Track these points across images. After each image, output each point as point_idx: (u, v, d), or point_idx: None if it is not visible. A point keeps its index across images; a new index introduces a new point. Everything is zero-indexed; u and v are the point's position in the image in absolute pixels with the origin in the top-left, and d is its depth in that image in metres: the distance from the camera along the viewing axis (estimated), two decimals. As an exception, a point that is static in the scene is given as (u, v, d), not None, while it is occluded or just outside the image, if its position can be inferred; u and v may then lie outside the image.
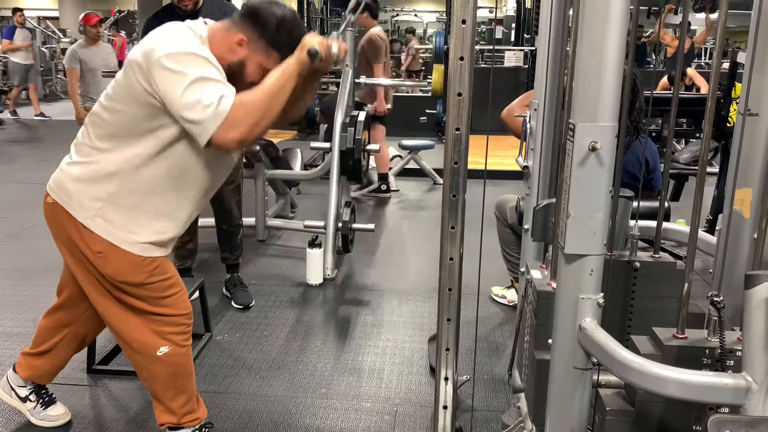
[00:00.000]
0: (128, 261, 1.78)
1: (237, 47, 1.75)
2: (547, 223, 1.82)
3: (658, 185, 2.80)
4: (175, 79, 1.61)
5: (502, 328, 3.07)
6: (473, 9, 1.69)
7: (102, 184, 1.74)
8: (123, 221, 1.76)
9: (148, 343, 1.86)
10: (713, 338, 1.49)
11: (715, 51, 1.56)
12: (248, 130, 1.63)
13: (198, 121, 1.60)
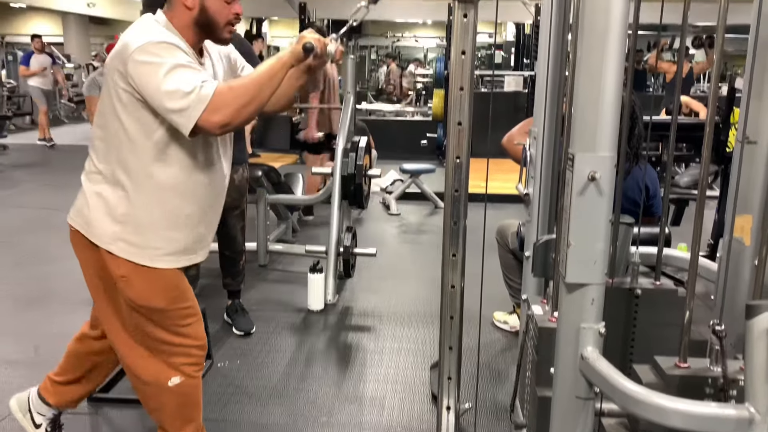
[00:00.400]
0: (151, 282, 1.77)
1: (188, 1, 1.69)
2: (548, 258, 1.82)
3: (659, 211, 2.80)
4: (151, 69, 1.58)
5: (504, 354, 3.06)
6: (472, 40, 1.71)
7: (114, 207, 1.74)
8: (143, 239, 1.74)
9: (160, 374, 1.84)
10: (715, 367, 1.48)
11: (712, 78, 1.58)
12: (234, 113, 1.60)
13: (180, 109, 1.57)
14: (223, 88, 1.60)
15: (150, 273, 1.76)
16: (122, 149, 1.71)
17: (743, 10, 1.79)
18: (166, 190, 1.74)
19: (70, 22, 16.36)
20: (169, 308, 1.80)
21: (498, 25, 17.14)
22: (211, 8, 1.70)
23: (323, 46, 1.71)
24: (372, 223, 5.71)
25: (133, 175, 1.71)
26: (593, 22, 1.39)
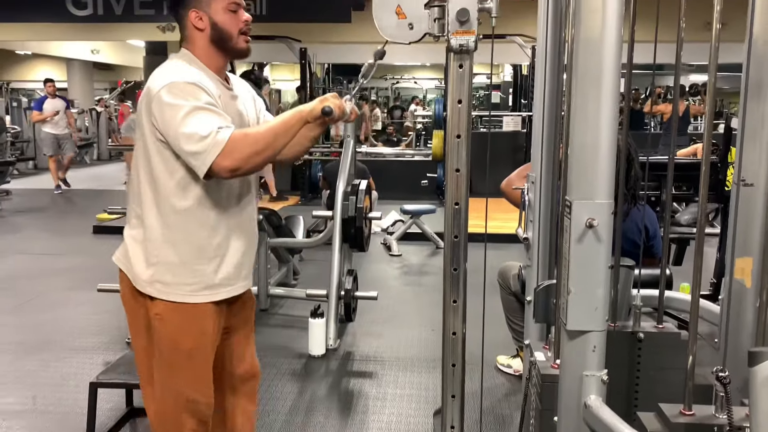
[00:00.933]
0: (185, 319, 1.77)
1: (199, 22, 1.75)
2: (549, 304, 1.82)
3: (659, 252, 2.80)
4: (172, 111, 1.62)
5: (509, 399, 3.02)
6: (468, 89, 1.74)
7: (148, 250, 1.75)
8: (176, 278, 1.75)
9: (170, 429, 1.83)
10: (721, 415, 1.46)
11: (706, 119, 1.59)
12: (246, 159, 1.63)
13: (196, 152, 1.61)
14: (238, 135, 1.64)
15: (185, 310, 1.76)
16: (150, 189, 1.74)
17: (737, 49, 1.82)
18: (191, 224, 1.75)
19: (75, 68, 16.64)
20: (195, 351, 1.79)
21: (495, 66, 17.42)
22: (220, 22, 1.76)
23: (341, 111, 1.76)
24: (373, 265, 5.70)
25: (160, 214, 1.74)
26: (587, 67, 1.41)
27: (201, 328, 1.80)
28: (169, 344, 1.77)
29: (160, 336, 1.77)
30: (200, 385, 1.82)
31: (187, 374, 1.79)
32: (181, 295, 1.75)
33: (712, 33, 1.45)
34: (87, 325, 4.03)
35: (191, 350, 1.78)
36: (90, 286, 4.06)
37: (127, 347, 3.63)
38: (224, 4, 1.75)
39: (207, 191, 1.75)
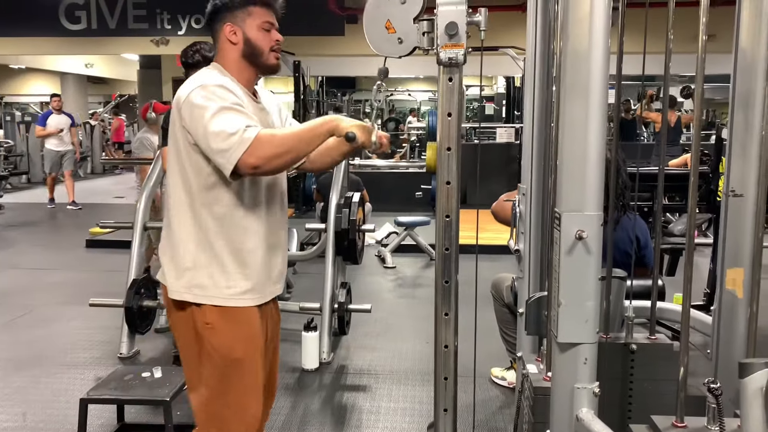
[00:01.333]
0: (234, 325, 1.77)
1: (233, 36, 1.80)
2: (540, 316, 1.81)
3: (651, 262, 2.80)
4: (201, 111, 1.66)
5: (503, 412, 3.00)
6: (458, 103, 1.74)
7: (182, 255, 1.77)
8: (213, 280, 1.76)
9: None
10: (713, 426, 1.46)
11: (693, 130, 1.60)
12: (268, 159, 1.65)
13: (223, 150, 1.62)
14: (265, 134, 1.65)
15: (232, 316, 1.77)
16: (184, 194, 1.76)
17: (726, 60, 1.83)
18: (226, 227, 1.77)
19: (69, 81, 16.64)
20: (247, 358, 1.79)
21: (489, 78, 17.50)
22: (253, 38, 1.80)
23: (368, 140, 1.76)
24: (368, 277, 5.69)
25: (195, 217, 1.76)
26: (575, 78, 1.42)
27: (250, 334, 1.81)
28: (221, 353, 1.77)
29: (212, 346, 1.77)
30: (251, 393, 1.83)
31: (238, 383, 1.79)
32: (218, 299, 1.76)
33: (699, 44, 1.46)
34: (79, 340, 4.00)
35: (243, 358, 1.79)
36: (82, 301, 4.04)
37: (119, 362, 3.61)
38: (258, 23, 1.80)
39: (241, 195, 1.77)
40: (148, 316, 3.76)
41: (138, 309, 3.62)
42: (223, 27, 1.80)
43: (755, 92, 1.76)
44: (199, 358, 1.80)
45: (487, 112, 15.99)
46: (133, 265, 3.79)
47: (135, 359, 3.69)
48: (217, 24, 1.82)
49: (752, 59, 1.77)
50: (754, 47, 1.76)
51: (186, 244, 1.77)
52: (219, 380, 1.79)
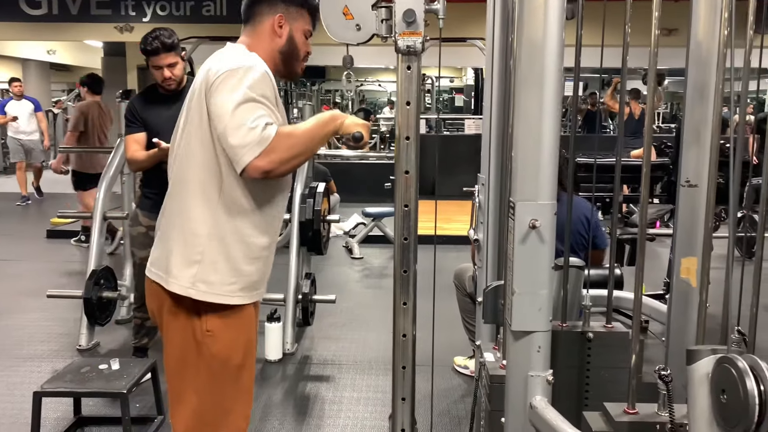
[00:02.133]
0: (234, 330, 1.72)
1: (279, 29, 1.74)
2: (497, 304, 1.82)
3: (602, 244, 2.85)
4: (228, 97, 1.56)
5: (465, 400, 3.02)
6: (417, 91, 1.73)
7: (191, 246, 1.67)
8: (220, 276, 1.68)
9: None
10: (663, 412, 1.48)
11: (646, 122, 1.62)
12: (281, 162, 1.57)
13: (240, 145, 1.54)
14: (282, 134, 1.57)
15: (233, 320, 1.71)
16: (199, 183, 1.67)
17: (683, 54, 1.85)
18: (243, 222, 1.69)
19: (31, 68, 16.20)
20: (245, 364, 1.75)
21: (458, 70, 17.54)
22: (297, 40, 1.77)
23: (368, 138, 1.75)
24: (334, 268, 5.68)
25: (210, 208, 1.66)
26: (529, 69, 1.42)
27: (249, 337, 1.77)
28: (221, 360, 1.71)
29: (212, 354, 1.70)
30: (246, 396, 1.80)
31: (233, 388, 1.75)
32: (221, 296, 1.68)
33: (651, 38, 1.47)
34: (36, 332, 3.91)
35: (242, 364, 1.75)
36: (41, 293, 3.95)
37: (78, 354, 3.54)
38: (305, 28, 1.78)
39: (264, 189, 1.70)
40: (108, 308, 3.70)
41: (98, 300, 3.56)
42: (274, 16, 1.73)
43: (709, 84, 1.78)
44: (195, 367, 1.72)
45: (457, 104, 16.06)
46: (93, 256, 3.72)
47: (94, 351, 3.62)
48: (265, 9, 1.74)
49: (707, 52, 1.80)
50: (709, 40, 1.78)
51: (198, 234, 1.67)
52: (216, 388, 1.73)
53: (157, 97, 3.05)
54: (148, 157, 2.96)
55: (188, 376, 1.73)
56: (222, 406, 1.75)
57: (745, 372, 1.11)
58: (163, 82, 2.97)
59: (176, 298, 1.69)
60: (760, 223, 1.53)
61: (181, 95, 3.02)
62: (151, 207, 3.07)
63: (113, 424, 2.71)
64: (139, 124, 3.02)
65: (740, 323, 1.58)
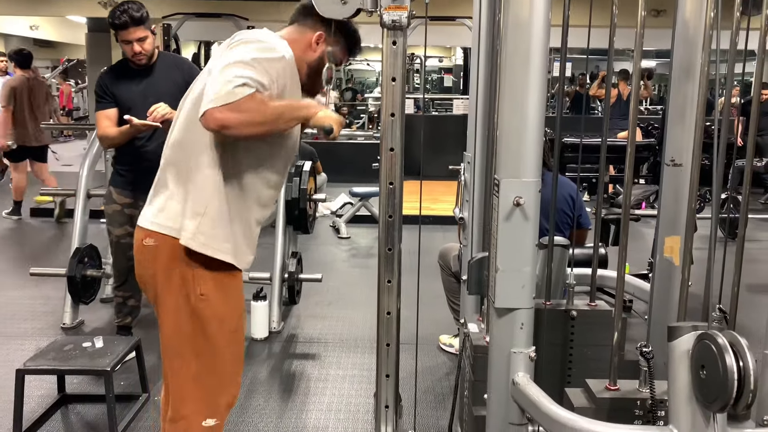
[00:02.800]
0: (228, 294, 1.74)
1: (315, 45, 1.78)
2: (482, 276, 1.83)
3: (586, 223, 2.86)
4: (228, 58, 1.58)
5: (449, 378, 3.04)
6: (402, 67, 1.72)
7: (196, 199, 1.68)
8: (216, 231, 1.69)
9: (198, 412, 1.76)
10: (644, 389, 1.50)
11: (632, 103, 1.62)
12: (239, 123, 1.56)
13: (211, 92, 1.54)
14: (256, 98, 1.56)
15: (225, 284, 1.73)
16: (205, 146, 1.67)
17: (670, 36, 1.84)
18: (243, 193, 1.72)
19: (13, 44, 15.90)
20: (238, 330, 1.78)
21: (447, 49, 17.44)
22: (325, 61, 1.81)
23: (340, 129, 1.75)
24: (321, 247, 5.67)
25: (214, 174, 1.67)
26: (515, 48, 1.41)
27: (239, 305, 1.80)
28: (216, 324, 1.73)
29: (207, 317, 1.72)
30: (238, 362, 1.82)
31: (229, 351, 1.77)
32: (218, 251, 1.69)
33: (638, 18, 1.46)
34: (19, 310, 3.88)
35: (236, 328, 1.77)
36: (24, 271, 3.91)
37: (62, 332, 3.52)
38: (342, 48, 1.83)
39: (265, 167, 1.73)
40: (92, 286, 3.67)
41: (81, 278, 3.53)
42: (315, 32, 1.77)
43: (695, 64, 1.78)
44: (192, 332, 1.73)
45: (446, 84, 15.99)
46: (76, 234, 3.69)
47: (79, 330, 3.60)
48: (311, 22, 1.77)
49: (694, 31, 1.79)
50: (695, 19, 1.78)
51: (204, 189, 1.67)
52: (214, 351, 1.75)
53: (128, 71, 2.98)
54: (120, 134, 2.89)
55: (185, 342, 1.75)
56: (221, 370, 1.77)
57: (725, 348, 1.12)
58: (133, 57, 2.90)
59: (171, 259, 1.70)
60: (743, 204, 1.54)
61: (153, 70, 2.97)
62: (124, 184, 3.04)
63: (97, 401, 2.70)
64: (109, 99, 2.95)
65: (722, 302, 1.60)
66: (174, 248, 1.69)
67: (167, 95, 2.78)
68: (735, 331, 1.15)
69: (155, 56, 2.98)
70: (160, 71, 2.98)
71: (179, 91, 1.86)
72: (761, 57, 1.42)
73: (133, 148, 2.94)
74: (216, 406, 1.78)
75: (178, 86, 2.93)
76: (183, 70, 2.99)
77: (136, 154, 2.95)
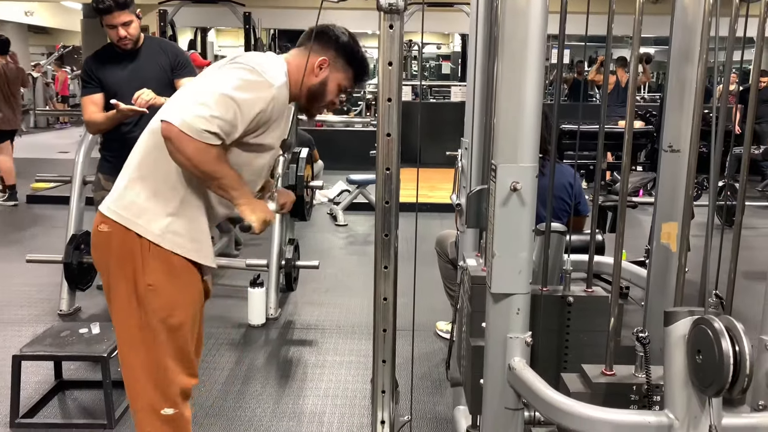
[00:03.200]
0: (174, 289, 1.73)
1: (318, 69, 1.81)
2: (480, 209, 1.82)
3: (585, 210, 2.86)
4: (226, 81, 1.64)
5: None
6: (399, 51, 1.70)
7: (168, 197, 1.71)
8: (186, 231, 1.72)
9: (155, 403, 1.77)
10: (640, 374, 1.50)
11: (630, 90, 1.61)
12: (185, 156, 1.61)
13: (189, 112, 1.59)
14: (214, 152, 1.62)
15: (176, 279, 1.73)
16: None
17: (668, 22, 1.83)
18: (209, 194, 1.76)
19: (7, 31, 15.75)
20: (184, 323, 1.77)
21: (445, 36, 17.37)
22: (328, 89, 1.84)
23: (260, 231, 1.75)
24: (318, 235, 5.67)
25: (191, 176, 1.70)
26: (513, 33, 1.40)
27: (193, 299, 1.79)
28: (159, 317, 1.73)
29: (153, 308, 1.72)
30: (185, 357, 1.80)
31: (171, 346, 1.76)
32: (189, 251, 1.73)
33: (636, 4, 1.46)
34: (16, 297, 3.88)
35: (180, 324, 1.75)
36: (21, 258, 3.91)
37: (59, 319, 3.52)
38: (343, 82, 1.85)
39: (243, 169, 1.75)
40: (88, 273, 3.67)
41: (78, 265, 3.53)
42: (319, 57, 1.80)
43: (693, 49, 1.77)
44: (139, 319, 1.74)
45: (444, 71, 15.93)
46: (72, 220, 3.68)
47: (76, 316, 3.61)
48: (317, 47, 1.80)
49: (693, 17, 1.78)
50: (694, 5, 1.77)
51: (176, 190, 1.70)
52: (154, 344, 1.75)
53: (114, 55, 2.94)
54: (106, 119, 2.87)
55: (135, 331, 1.75)
56: (164, 363, 1.76)
57: (721, 332, 1.12)
58: (118, 42, 2.87)
59: (123, 247, 1.70)
60: (740, 191, 1.54)
61: (139, 54, 2.93)
62: (111, 170, 2.99)
63: (94, 387, 2.70)
64: (95, 84, 2.93)
65: (718, 288, 1.60)
66: (127, 238, 1.70)
67: (153, 79, 2.78)
68: (731, 317, 1.15)
69: (141, 40, 2.95)
70: (146, 55, 2.95)
71: (165, 75, 1.88)
72: (760, 44, 1.42)
73: (120, 134, 2.92)
74: (170, 395, 1.78)
75: (164, 70, 2.92)
76: (168, 54, 2.97)
77: (123, 140, 2.93)
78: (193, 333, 1.83)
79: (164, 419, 1.78)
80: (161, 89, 2.84)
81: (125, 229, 1.70)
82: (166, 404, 1.77)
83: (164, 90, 2.86)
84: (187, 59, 3.06)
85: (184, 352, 1.80)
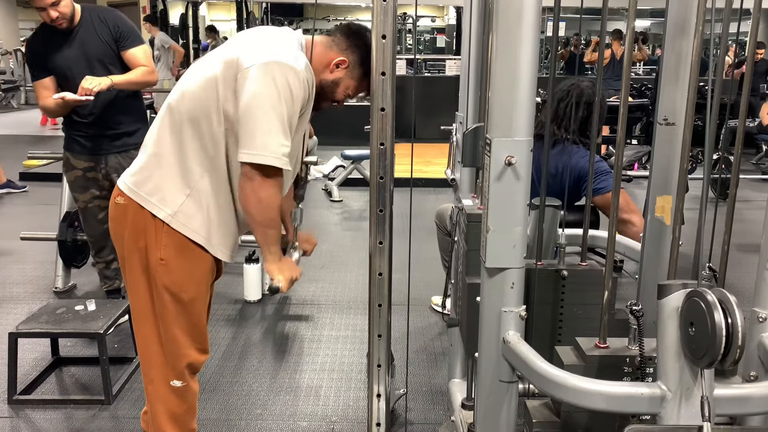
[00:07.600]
0: (185, 265, 1.73)
1: (335, 68, 1.79)
2: (476, 147, 1.82)
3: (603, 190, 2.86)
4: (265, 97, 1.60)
5: (441, 338, 3.07)
6: (393, 24, 1.68)
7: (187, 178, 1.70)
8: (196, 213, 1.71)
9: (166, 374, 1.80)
10: (633, 346, 1.51)
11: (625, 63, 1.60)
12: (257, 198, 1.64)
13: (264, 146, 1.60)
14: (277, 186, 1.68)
15: (188, 255, 1.73)
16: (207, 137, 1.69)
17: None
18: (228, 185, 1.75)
19: (-5, 5, 15.58)
20: (195, 300, 1.77)
21: (440, 9, 17.19)
22: (340, 89, 1.83)
23: (287, 289, 1.82)
24: (314, 210, 5.66)
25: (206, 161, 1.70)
26: (508, 4, 1.38)
27: (201, 277, 1.78)
28: (171, 292, 1.73)
29: (164, 283, 1.72)
30: (197, 330, 1.81)
31: (185, 320, 1.77)
32: (196, 234, 1.71)
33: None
34: (11, 274, 3.88)
35: (192, 299, 1.76)
36: (14, 235, 3.90)
37: (54, 296, 3.52)
38: (354, 86, 1.84)
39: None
40: (83, 250, 3.66)
41: (72, 242, 3.52)
42: (342, 56, 1.78)
43: (690, 21, 1.75)
44: (150, 294, 1.75)
45: (439, 45, 15.80)
46: (65, 197, 3.66)
47: (71, 293, 3.61)
48: (344, 45, 1.79)
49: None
50: (691, -26, 1.75)
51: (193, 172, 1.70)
52: (165, 318, 1.76)
53: (55, 34, 2.85)
54: (57, 106, 2.82)
55: (148, 304, 1.76)
56: (175, 336, 1.78)
57: (714, 305, 1.12)
58: (52, 23, 2.79)
59: (138, 220, 1.71)
60: (734, 165, 1.54)
61: (79, 29, 2.85)
62: (79, 148, 2.98)
63: (91, 364, 2.72)
64: (42, 68, 2.86)
65: (712, 261, 1.61)
66: (141, 212, 1.70)
67: (99, 54, 2.80)
68: (724, 289, 1.16)
69: (78, 15, 2.86)
70: (87, 30, 2.87)
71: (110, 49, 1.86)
72: (756, 16, 1.40)
73: (81, 115, 2.90)
74: (178, 367, 1.79)
75: (107, 44, 2.88)
76: (109, 24, 2.89)
77: (85, 120, 2.92)
78: (205, 308, 1.84)
79: (173, 389, 1.80)
80: (109, 61, 2.85)
81: (139, 205, 1.70)
82: (174, 376, 1.79)
83: (113, 64, 2.86)
84: (130, 27, 2.95)
85: (198, 327, 1.81)
